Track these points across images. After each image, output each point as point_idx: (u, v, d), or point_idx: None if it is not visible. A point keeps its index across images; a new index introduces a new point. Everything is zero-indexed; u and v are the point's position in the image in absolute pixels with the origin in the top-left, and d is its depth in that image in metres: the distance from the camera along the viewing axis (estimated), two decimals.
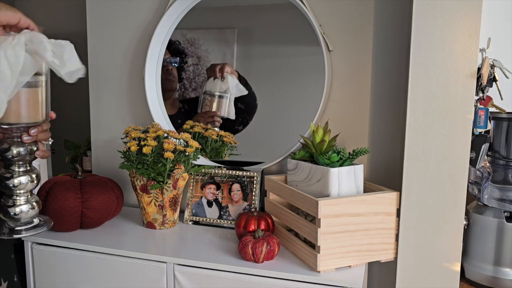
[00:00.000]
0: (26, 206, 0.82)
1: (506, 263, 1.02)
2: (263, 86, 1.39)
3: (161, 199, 1.20)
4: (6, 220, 0.82)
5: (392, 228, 1.02)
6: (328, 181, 0.99)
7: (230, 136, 1.39)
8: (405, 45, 1.13)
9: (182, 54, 1.44)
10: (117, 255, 1.09)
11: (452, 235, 0.97)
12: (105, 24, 1.43)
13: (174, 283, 1.04)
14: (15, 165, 0.81)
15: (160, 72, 1.38)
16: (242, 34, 1.40)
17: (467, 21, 0.90)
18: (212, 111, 1.40)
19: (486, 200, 1.08)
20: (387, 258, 1.04)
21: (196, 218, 1.29)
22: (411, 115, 0.96)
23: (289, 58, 1.35)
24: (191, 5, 1.32)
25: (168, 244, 1.15)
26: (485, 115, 1.00)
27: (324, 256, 0.95)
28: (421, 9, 0.93)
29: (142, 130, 1.21)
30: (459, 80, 0.92)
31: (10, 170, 0.81)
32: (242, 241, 1.02)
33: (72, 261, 1.12)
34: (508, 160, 1.05)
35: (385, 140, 1.21)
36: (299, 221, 1.03)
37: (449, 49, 0.92)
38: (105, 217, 1.22)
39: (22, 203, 0.82)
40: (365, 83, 1.20)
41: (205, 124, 1.38)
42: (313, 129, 1.09)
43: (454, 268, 0.97)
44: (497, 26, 1.23)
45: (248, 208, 1.25)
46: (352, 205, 0.97)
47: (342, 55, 1.20)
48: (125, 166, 1.19)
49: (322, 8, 1.20)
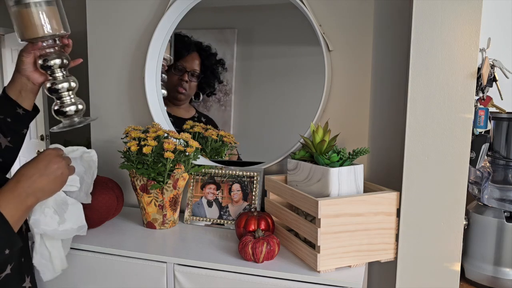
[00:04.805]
0: (74, 105, 1.02)
1: (506, 263, 1.02)
2: (263, 86, 1.39)
3: (161, 199, 1.20)
4: (63, 120, 1.03)
5: (392, 228, 1.02)
6: (328, 181, 0.99)
7: (230, 136, 1.39)
8: (405, 45, 1.13)
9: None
10: (117, 255, 1.09)
11: (452, 235, 0.97)
12: (105, 24, 1.43)
13: (174, 283, 1.04)
14: (56, 72, 1.00)
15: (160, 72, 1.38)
16: (242, 34, 1.40)
17: (467, 21, 0.90)
18: None
19: (486, 200, 1.08)
20: (387, 258, 1.04)
21: (196, 218, 1.29)
22: (411, 115, 0.96)
23: (289, 58, 1.35)
24: (191, 5, 1.32)
25: (168, 244, 1.15)
26: (485, 115, 1.00)
27: (324, 256, 0.95)
28: (421, 9, 0.93)
29: (142, 130, 1.21)
30: (459, 80, 0.92)
31: (53, 77, 1.01)
32: (242, 241, 1.02)
33: (73, 261, 1.11)
34: (508, 160, 1.05)
35: (385, 140, 1.21)
36: (299, 221, 1.03)
37: (449, 49, 0.92)
38: (105, 217, 1.22)
39: (69, 103, 1.02)
40: (365, 83, 1.20)
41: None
42: (313, 129, 1.09)
43: (454, 268, 0.97)
44: (497, 26, 1.23)
45: (248, 208, 1.25)
46: (352, 205, 0.97)
47: (342, 55, 1.20)
48: (125, 166, 1.19)
49: (322, 8, 1.20)
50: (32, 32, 0.95)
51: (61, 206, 0.95)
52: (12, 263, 0.90)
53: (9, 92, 1.02)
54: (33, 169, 0.87)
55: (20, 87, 1.02)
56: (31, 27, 0.95)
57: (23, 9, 0.94)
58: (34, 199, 0.87)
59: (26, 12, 0.94)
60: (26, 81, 1.01)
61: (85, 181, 1.04)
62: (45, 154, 0.90)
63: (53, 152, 0.92)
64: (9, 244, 0.81)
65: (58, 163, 0.90)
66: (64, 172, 0.92)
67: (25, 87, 1.02)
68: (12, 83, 1.02)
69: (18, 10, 0.95)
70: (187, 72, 1.43)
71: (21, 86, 1.02)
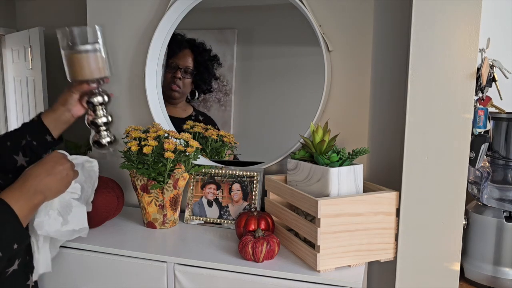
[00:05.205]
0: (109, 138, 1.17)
1: (506, 262, 1.03)
2: (263, 86, 1.40)
3: (161, 198, 1.21)
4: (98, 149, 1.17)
5: (392, 228, 1.02)
6: (328, 181, 1.00)
7: (230, 136, 1.40)
8: (405, 45, 1.13)
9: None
10: (118, 254, 1.09)
11: (451, 235, 0.97)
12: (105, 24, 1.43)
13: (175, 283, 1.05)
14: (97, 110, 1.15)
15: (161, 72, 1.38)
16: (242, 34, 1.40)
17: (467, 21, 0.91)
18: None
19: (485, 200, 1.08)
20: (386, 258, 1.04)
21: (196, 218, 1.29)
22: (411, 115, 0.96)
23: (289, 58, 1.35)
24: (192, 5, 1.32)
25: (169, 244, 1.15)
26: (485, 115, 1.00)
27: (324, 256, 0.95)
28: (421, 9, 0.93)
29: (142, 130, 1.21)
30: (458, 80, 0.92)
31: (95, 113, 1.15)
32: (242, 241, 1.02)
33: (73, 260, 1.12)
34: (507, 160, 1.05)
35: (385, 140, 1.21)
36: (299, 220, 1.03)
37: (449, 49, 0.92)
38: (105, 216, 1.22)
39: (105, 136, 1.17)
40: (365, 83, 1.20)
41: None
42: (313, 129, 1.09)
43: (453, 267, 0.97)
44: (496, 26, 1.23)
45: (248, 208, 1.25)
46: (352, 205, 0.97)
47: (342, 55, 1.21)
48: (126, 166, 1.19)
49: (322, 8, 1.20)
50: (81, 75, 1.09)
51: (65, 208, 0.98)
52: (20, 259, 0.93)
53: (44, 119, 1.11)
54: (40, 169, 0.92)
55: (58, 117, 1.12)
56: (81, 71, 1.09)
57: (74, 54, 1.08)
58: (41, 197, 0.90)
59: (77, 57, 1.08)
60: (66, 113, 1.13)
61: (85, 190, 1.07)
62: (52, 156, 0.95)
63: (59, 154, 0.97)
64: (18, 239, 0.84)
65: (64, 165, 0.95)
66: (69, 174, 0.96)
67: (63, 118, 1.13)
68: (52, 112, 1.13)
69: (70, 55, 1.08)
70: (179, 69, 1.43)
71: (59, 117, 1.13)
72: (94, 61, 1.09)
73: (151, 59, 1.34)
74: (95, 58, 1.09)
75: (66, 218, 0.98)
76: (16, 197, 0.85)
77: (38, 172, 0.91)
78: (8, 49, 3.56)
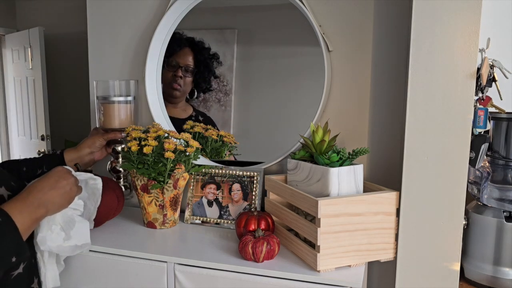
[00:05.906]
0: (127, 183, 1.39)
1: (506, 262, 1.03)
2: (263, 86, 1.40)
3: (161, 198, 1.21)
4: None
5: (392, 227, 1.02)
6: (328, 181, 1.00)
7: (230, 136, 1.40)
8: (405, 45, 1.13)
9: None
10: (118, 254, 1.09)
11: (451, 235, 0.97)
12: (105, 24, 1.44)
13: (175, 283, 1.05)
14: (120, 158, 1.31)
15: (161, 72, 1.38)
16: (242, 34, 1.40)
17: (466, 21, 0.91)
18: None
19: (485, 200, 1.08)
20: (386, 258, 1.04)
21: (196, 218, 1.29)
22: (411, 115, 0.96)
23: (289, 58, 1.36)
24: (192, 5, 1.32)
25: (169, 244, 1.15)
26: (485, 115, 1.00)
27: (324, 256, 0.95)
28: (421, 9, 0.93)
29: (142, 130, 1.21)
30: (458, 80, 0.92)
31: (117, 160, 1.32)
32: (242, 241, 1.02)
33: (73, 261, 1.12)
34: (507, 160, 1.05)
35: (385, 140, 1.21)
36: (299, 220, 1.03)
37: (449, 49, 0.92)
38: (105, 216, 1.22)
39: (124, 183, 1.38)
40: (365, 83, 1.20)
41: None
42: (313, 129, 1.09)
43: (453, 267, 0.98)
44: (496, 26, 1.23)
45: (248, 207, 1.25)
46: (352, 205, 0.97)
47: (342, 55, 1.21)
48: (126, 166, 1.19)
49: (322, 9, 1.20)
50: (112, 124, 1.24)
51: (68, 223, 0.97)
52: (25, 263, 0.92)
53: (66, 156, 1.19)
54: (44, 183, 0.92)
55: (80, 158, 1.22)
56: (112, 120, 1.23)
57: (107, 104, 1.21)
58: (44, 210, 0.89)
59: (110, 107, 1.21)
60: (89, 156, 1.23)
61: (87, 207, 1.08)
62: (56, 171, 0.96)
63: (64, 169, 0.97)
64: (17, 252, 0.83)
65: (68, 179, 0.95)
66: (73, 189, 0.96)
67: (85, 159, 1.23)
68: (75, 151, 1.22)
69: (104, 104, 1.21)
70: (180, 68, 1.42)
71: (81, 157, 1.22)
72: (124, 112, 1.22)
73: (151, 59, 1.34)
74: (126, 110, 1.22)
75: (69, 233, 0.98)
76: (18, 209, 0.84)
77: (42, 185, 0.90)
78: (8, 49, 3.57)
